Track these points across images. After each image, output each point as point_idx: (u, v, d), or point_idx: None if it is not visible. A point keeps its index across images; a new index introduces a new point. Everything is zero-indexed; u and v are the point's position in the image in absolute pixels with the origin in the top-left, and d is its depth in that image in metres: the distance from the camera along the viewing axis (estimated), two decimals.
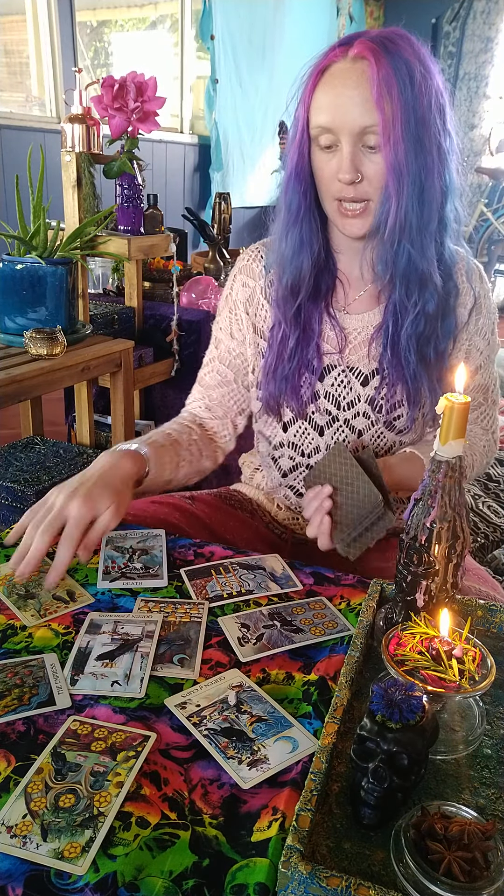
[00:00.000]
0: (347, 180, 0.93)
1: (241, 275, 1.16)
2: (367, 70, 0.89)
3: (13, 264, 1.84)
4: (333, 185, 0.96)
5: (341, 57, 0.92)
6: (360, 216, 0.97)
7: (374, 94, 0.88)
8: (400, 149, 0.90)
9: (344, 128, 0.91)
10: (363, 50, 0.90)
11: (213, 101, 4.88)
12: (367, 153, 0.93)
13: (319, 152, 0.96)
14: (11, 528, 1.03)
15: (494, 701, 0.73)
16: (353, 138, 0.92)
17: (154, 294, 2.58)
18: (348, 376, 1.10)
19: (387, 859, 0.55)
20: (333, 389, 1.10)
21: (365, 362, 1.09)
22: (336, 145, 0.94)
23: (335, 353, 1.10)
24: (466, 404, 0.66)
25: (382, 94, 0.88)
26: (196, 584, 0.92)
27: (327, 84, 0.92)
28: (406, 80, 0.88)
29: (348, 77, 0.90)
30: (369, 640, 0.78)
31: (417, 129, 0.90)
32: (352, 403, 1.11)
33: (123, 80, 1.98)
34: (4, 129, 3.48)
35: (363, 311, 1.09)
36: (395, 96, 0.88)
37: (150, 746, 0.65)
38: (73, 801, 0.59)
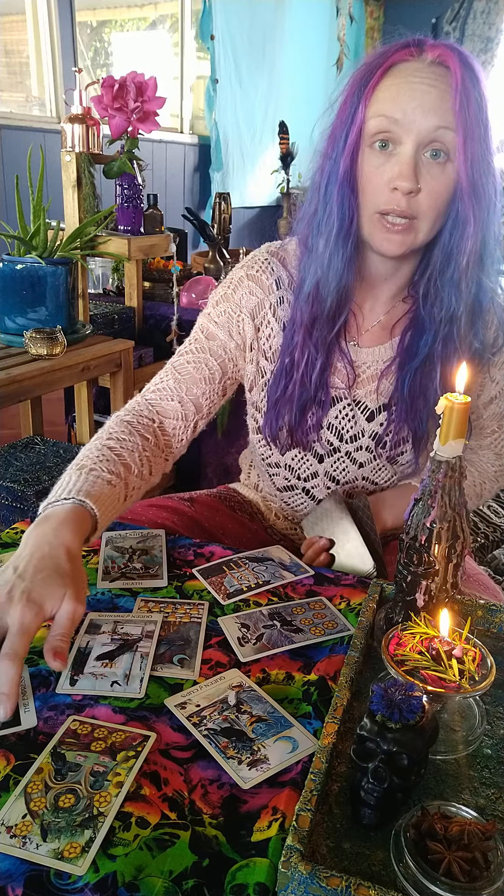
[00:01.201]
0: (407, 189, 0.83)
1: (250, 281, 1.04)
2: (448, 76, 0.82)
3: (13, 264, 1.84)
4: (382, 194, 0.86)
5: (416, 57, 0.84)
6: (402, 232, 0.87)
7: (456, 102, 0.81)
8: (478, 166, 0.82)
9: (414, 123, 0.82)
10: (444, 55, 0.83)
11: (213, 101, 4.87)
12: (429, 163, 0.84)
13: (371, 154, 0.86)
14: (13, 527, 1.03)
15: (494, 701, 0.73)
16: (419, 140, 0.83)
17: (154, 294, 2.58)
18: (354, 410, 1.05)
19: (387, 859, 0.55)
20: (337, 422, 1.06)
21: (373, 398, 1.04)
22: (396, 146, 0.84)
23: (343, 388, 1.03)
24: (466, 404, 0.66)
25: (462, 104, 0.81)
26: (213, 582, 0.92)
27: (398, 78, 0.83)
28: (479, 97, 0.82)
29: (426, 76, 0.83)
30: (369, 640, 0.78)
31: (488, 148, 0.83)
32: (355, 437, 1.06)
33: (123, 80, 1.98)
34: (4, 129, 3.48)
35: (374, 345, 1.03)
36: (472, 110, 0.81)
37: (149, 746, 0.65)
38: (72, 801, 0.59)
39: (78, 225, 2.10)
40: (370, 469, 1.09)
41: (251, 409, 1.13)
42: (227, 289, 1.06)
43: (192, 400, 1.04)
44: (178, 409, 1.04)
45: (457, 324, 0.93)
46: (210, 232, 2.75)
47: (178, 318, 2.36)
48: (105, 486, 0.87)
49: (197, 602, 0.88)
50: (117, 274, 2.70)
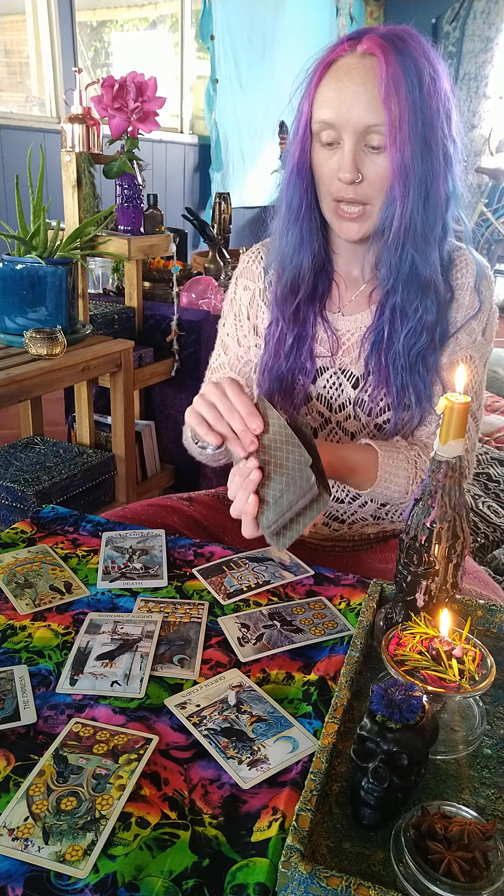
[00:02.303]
0: (348, 179, 0.91)
1: (243, 278, 1.14)
2: (376, 67, 0.86)
3: (13, 264, 1.84)
4: (333, 183, 0.94)
5: (349, 51, 0.89)
6: (358, 220, 0.95)
7: (382, 91, 0.86)
8: (406, 150, 0.88)
9: (347, 125, 0.89)
10: (373, 46, 0.87)
11: (213, 101, 4.87)
12: (370, 153, 0.91)
13: (320, 149, 0.94)
14: (13, 527, 1.03)
15: (494, 701, 0.73)
16: (355, 136, 0.89)
17: (154, 294, 2.57)
18: (340, 378, 1.09)
19: (387, 859, 0.55)
20: (325, 391, 1.09)
21: (357, 364, 1.08)
22: (338, 143, 0.91)
23: (328, 356, 1.08)
24: (466, 404, 0.66)
25: (390, 93, 0.86)
26: (213, 582, 0.92)
27: (333, 78, 0.90)
28: (415, 81, 0.86)
29: (356, 72, 0.88)
30: (369, 640, 0.78)
31: (424, 131, 0.88)
32: (342, 406, 1.09)
33: (123, 80, 1.98)
34: (4, 129, 3.48)
35: (356, 313, 1.08)
36: (402, 96, 0.86)
37: (152, 749, 0.65)
38: (74, 803, 0.59)
39: (78, 225, 2.09)
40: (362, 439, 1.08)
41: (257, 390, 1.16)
42: (230, 295, 1.17)
43: None
44: None
45: (396, 295, 0.98)
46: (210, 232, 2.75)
47: (178, 318, 2.36)
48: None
49: (197, 602, 0.88)
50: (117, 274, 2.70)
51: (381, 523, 1.17)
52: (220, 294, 2.50)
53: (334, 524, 1.16)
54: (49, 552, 0.97)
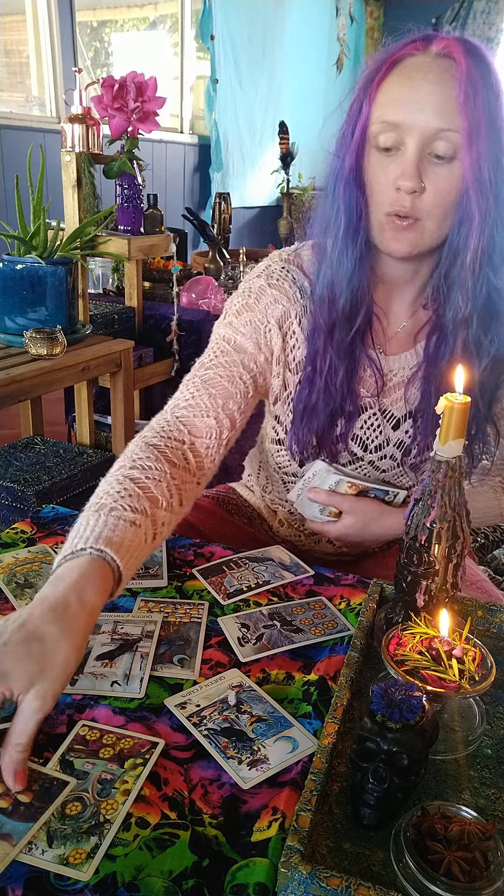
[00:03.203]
0: (409, 188, 0.81)
1: (273, 290, 0.98)
2: (453, 68, 0.79)
3: (13, 264, 1.84)
4: (388, 193, 0.84)
5: (421, 51, 0.81)
6: (408, 230, 0.85)
7: (461, 95, 0.78)
8: (485, 162, 0.79)
9: (415, 127, 0.80)
10: (450, 46, 0.80)
11: (213, 101, 4.87)
12: (433, 163, 0.81)
13: (376, 154, 0.84)
14: (13, 527, 1.03)
15: (494, 701, 0.73)
16: (422, 141, 0.80)
17: (154, 294, 2.58)
18: (380, 420, 1.01)
19: (387, 859, 0.55)
20: (363, 433, 1.02)
21: (399, 405, 1.00)
22: (398, 148, 0.82)
23: (369, 397, 0.99)
24: (466, 404, 0.66)
25: (469, 97, 0.77)
26: (213, 582, 0.92)
27: (402, 76, 0.81)
28: (492, 89, 0.79)
29: (429, 71, 0.80)
30: (369, 640, 0.77)
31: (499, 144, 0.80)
32: (380, 447, 1.03)
33: (123, 80, 1.98)
34: (4, 129, 3.48)
35: (400, 352, 0.99)
36: (480, 102, 0.78)
37: (157, 753, 0.65)
38: (79, 808, 0.59)
39: (78, 225, 2.09)
40: (391, 476, 1.06)
41: (272, 421, 1.08)
42: (247, 298, 0.99)
43: (228, 416, 0.96)
44: (214, 426, 0.94)
45: (470, 326, 0.89)
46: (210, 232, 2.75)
47: (178, 318, 2.36)
48: (128, 528, 0.75)
49: (197, 602, 0.88)
50: (117, 274, 2.70)
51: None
52: (220, 294, 2.50)
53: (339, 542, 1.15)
54: (49, 552, 0.97)
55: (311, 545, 1.17)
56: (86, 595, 0.67)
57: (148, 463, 0.86)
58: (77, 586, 0.67)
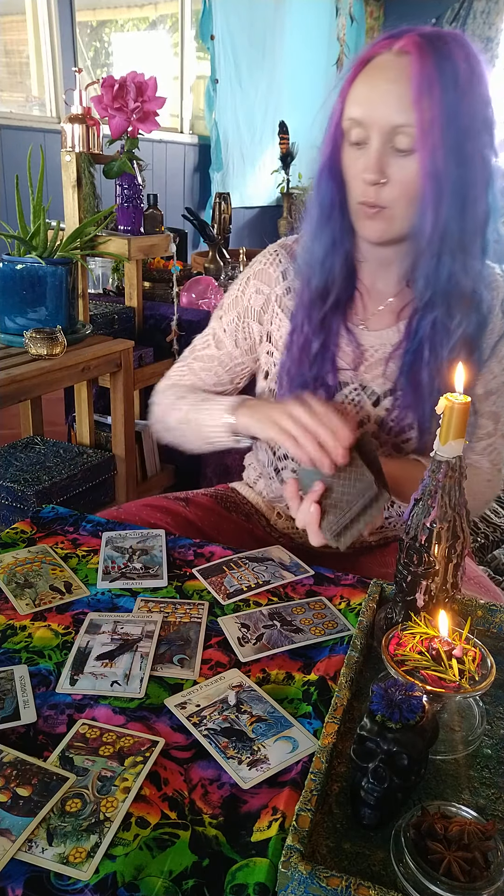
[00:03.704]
0: (371, 181, 0.88)
1: (256, 280, 1.09)
2: (409, 66, 0.83)
3: (13, 264, 1.84)
4: (358, 184, 0.90)
5: (386, 49, 0.86)
6: (376, 219, 0.91)
7: (413, 91, 0.82)
8: (439, 154, 0.84)
9: (375, 123, 0.85)
10: (408, 44, 0.84)
11: (213, 101, 4.87)
12: (396, 156, 0.87)
13: (349, 148, 0.91)
14: (13, 527, 1.03)
15: (494, 701, 0.73)
16: (383, 136, 0.86)
17: (154, 294, 2.58)
18: (360, 395, 1.04)
19: (387, 859, 0.55)
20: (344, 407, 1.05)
21: (379, 382, 1.04)
22: (366, 142, 0.88)
23: (349, 370, 1.04)
24: (466, 404, 0.66)
25: (423, 93, 0.82)
26: (213, 582, 0.92)
27: (366, 75, 0.87)
28: (450, 83, 0.82)
29: (388, 70, 0.85)
30: (369, 640, 0.78)
31: (459, 136, 0.84)
32: (361, 423, 1.06)
33: (123, 80, 1.98)
34: (4, 129, 3.48)
35: (382, 328, 1.03)
36: (436, 97, 0.82)
37: (157, 752, 0.65)
38: (79, 805, 0.59)
39: (78, 225, 2.09)
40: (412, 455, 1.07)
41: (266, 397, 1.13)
42: (237, 291, 1.12)
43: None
44: None
45: (436, 309, 0.94)
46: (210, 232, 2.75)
47: (178, 318, 2.36)
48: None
49: (197, 602, 0.88)
50: (117, 274, 2.70)
51: (383, 531, 1.17)
52: (220, 294, 2.50)
53: None
54: (49, 552, 0.97)
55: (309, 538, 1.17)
56: None
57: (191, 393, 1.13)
58: None
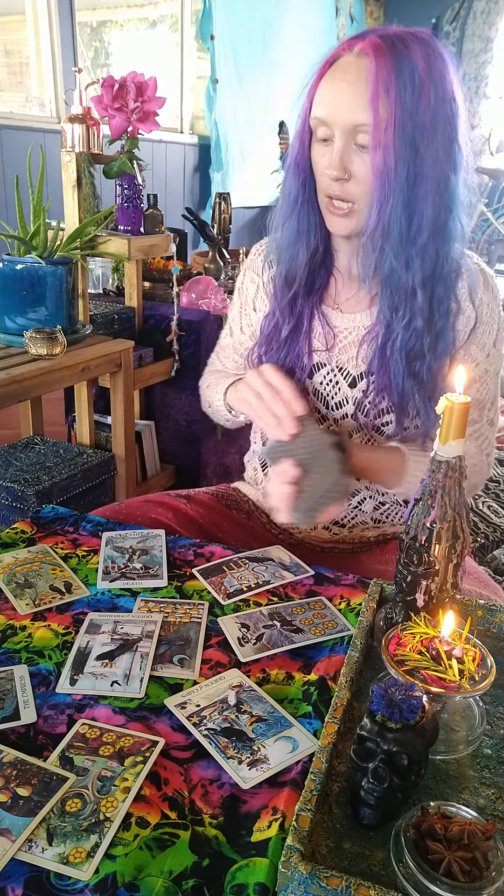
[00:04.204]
0: (334, 176, 0.92)
1: (250, 270, 1.17)
2: (368, 67, 0.87)
3: (13, 264, 1.84)
4: (323, 180, 0.95)
5: (347, 51, 0.90)
6: (345, 216, 0.96)
7: (370, 92, 0.86)
8: (389, 153, 0.87)
9: (337, 122, 0.90)
10: (367, 46, 0.88)
11: (213, 101, 4.87)
12: (359, 152, 0.91)
13: (317, 145, 0.95)
14: (13, 527, 1.03)
15: (494, 701, 0.73)
16: (345, 134, 0.90)
17: (154, 294, 2.57)
18: (336, 376, 1.08)
19: (387, 859, 0.55)
20: (322, 388, 1.09)
21: (354, 363, 1.07)
22: (331, 139, 0.92)
23: (324, 351, 1.08)
24: (466, 404, 0.66)
25: (378, 94, 0.86)
26: (213, 582, 0.92)
27: (329, 76, 0.91)
28: (407, 83, 0.85)
29: (348, 71, 0.89)
30: (369, 640, 0.78)
31: (414, 135, 0.87)
32: (340, 404, 1.09)
33: (123, 80, 1.98)
34: (4, 129, 3.48)
35: (355, 311, 1.07)
36: (392, 98, 0.85)
37: (157, 752, 0.65)
38: (79, 805, 0.59)
39: (78, 225, 2.09)
40: (358, 439, 1.09)
41: None
42: (239, 283, 1.20)
43: None
44: None
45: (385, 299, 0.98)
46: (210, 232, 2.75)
47: (178, 318, 2.36)
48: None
49: (197, 602, 0.88)
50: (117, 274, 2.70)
51: (381, 527, 1.17)
52: (219, 294, 2.50)
53: (335, 528, 1.16)
54: (49, 552, 0.97)
55: (308, 532, 1.18)
56: None
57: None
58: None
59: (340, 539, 1.17)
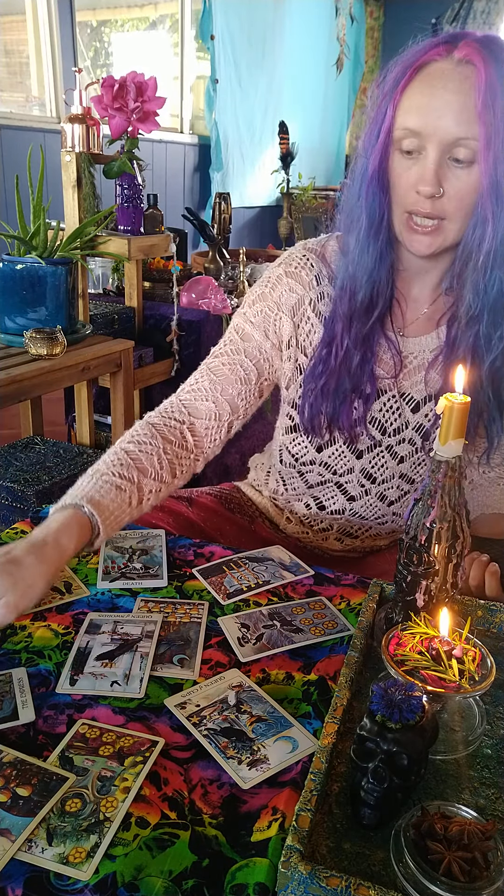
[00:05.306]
0: (428, 193, 0.85)
1: (289, 279, 1.04)
2: (473, 76, 0.81)
3: (13, 264, 1.84)
4: (409, 195, 0.88)
5: (444, 56, 0.84)
6: (430, 234, 0.89)
7: (479, 103, 0.80)
8: (500, 167, 0.82)
9: (435, 135, 0.83)
10: (471, 53, 0.82)
11: (213, 101, 4.87)
12: (453, 167, 0.85)
13: (400, 157, 0.88)
14: (13, 527, 1.03)
15: (494, 701, 0.73)
16: (442, 148, 0.83)
17: (154, 294, 2.57)
18: (399, 402, 1.03)
19: (387, 859, 0.55)
20: (381, 415, 1.04)
21: (419, 388, 1.03)
22: (420, 152, 0.86)
23: (388, 379, 1.02)
24: (466, 404, 0.66)
25: (487, 105, 0.80)
26: (213, 582, 0.92)
27: (424, 83, 0.84)
28: None
29: (450, 80, 0.82)
30: (369, 640, 0.78)
31: None
32: (398, 430, 1.05)
33: (123, 80, 1.98)
34: (4, 129, 3.48)
35: (420, 335, 1.02)
36: (498, 109, 0.80)
37: (157, 752, 0.65)
38: (79, 805, 0.59)
39: (78, 225, 2.09)
40: (409, 465, 1.07)
41: (286, 407, 1.10)
42: (264, 287, 1.06)
43: (228, 400, 1.06)
44: (213, 409, 1.05)
45: (481, 322, 0.93)
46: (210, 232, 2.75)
47: (178, 318, 2.36)
48: (113, 490, 0.91)
49: (197, 602, 0.88)
50: (117, 274, 2.70)
51: (393, 535, 1.17)
52: (220, 294, 2.50)
53: (347, 539, 1.15)
54: None
55: (319, 542, 1.18)
56: (62, 539, 0.83)
57: (144, 439, 0.99)
58: (56, 532, 0.83)
59: (352, 549, 1.17)
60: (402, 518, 1.12)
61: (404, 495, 1.09)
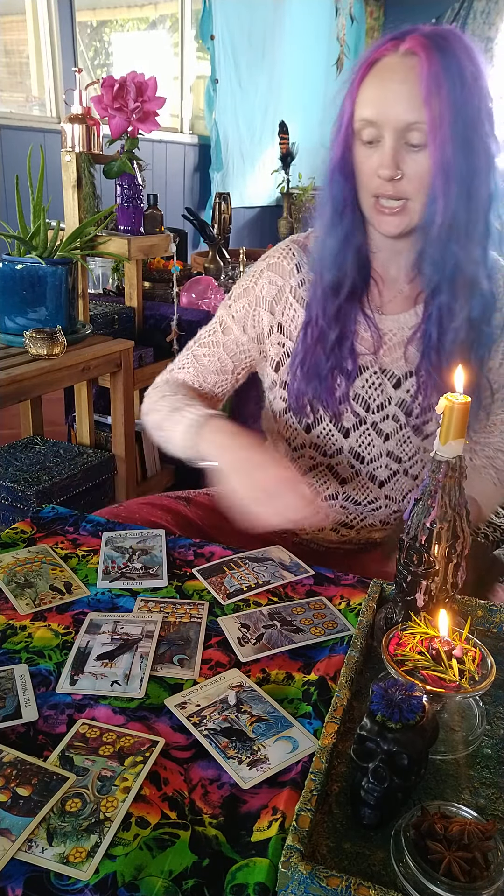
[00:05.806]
0: (387, 176, 0.91)
1: (270, 272, 1.11)
2: (417, 66, 0.87)
3: (13, 264, 1.84)
4: (373, 180, 0.94)
5: (392, 51, 0.90)
6: (397, 215, 0.95)
7: (423, 90, 0.87)
8: (447, 148, 0.88)
9: (388, 122, 0.89)
10: (415, 45, 0.88)
11: (213, 101, 4.87)
12: (410, 151, 0.91)
13: (361, 147, 0.94)
14: (13, 527, 1.03)
15: (494, 701, 0.73)
16: (396, 134, 0.90)
17: (154, 294, 2.58)
18: (381, 378, 1.08)
19: (387, 859, 0.55)
20: (364, 391, 1.08)
21: (399, 364, 1.07)
22: (378, 140, 0.92)
23: (368, 355, 1.07)
24: (466, 404, 0.66)
25: (431, 92, 0.86)
26: (213, 582, 0.92)
27: (375, 77, 0.91)
28: (456, 80, 0.87)
29: (396, 71, 0.89)
30: (369, 640, 0.78)
31: (466, 129, 0.88)
32: (382, 406, 1.09)
33: (123, 80, 1.98)
34: (4, 129, 3.48)
35: (399, 312, 1.07)
36: (444, 95, 0.86)
37: (157, 752, 0.65)
38: (79, 805, 0.59)
39: (78, 225, 2.09)
40: (395, 442, 1.10)
41: (278, 389, 1.14)
42: (248, 281, 1.13)
43: (208, 387, 1.19)
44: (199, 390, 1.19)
45: (441, 294, 0.98)
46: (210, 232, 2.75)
47: (178, 318, 2.36)
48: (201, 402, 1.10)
49: (197, 602, 0.88)
50: (117, 274, 2.70)
51: (388, 528, 1.17)
52: (220, 294, 2.50)
53: (343, 530, 1.16)
54: (49, 552, 0.97)
55: (315, 534, 1.19)
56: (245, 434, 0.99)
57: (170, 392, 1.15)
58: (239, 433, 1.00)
59: (347, 540, 1.17)
60: (395, 503, 1.15)
61: (393, 475, 1.13)
